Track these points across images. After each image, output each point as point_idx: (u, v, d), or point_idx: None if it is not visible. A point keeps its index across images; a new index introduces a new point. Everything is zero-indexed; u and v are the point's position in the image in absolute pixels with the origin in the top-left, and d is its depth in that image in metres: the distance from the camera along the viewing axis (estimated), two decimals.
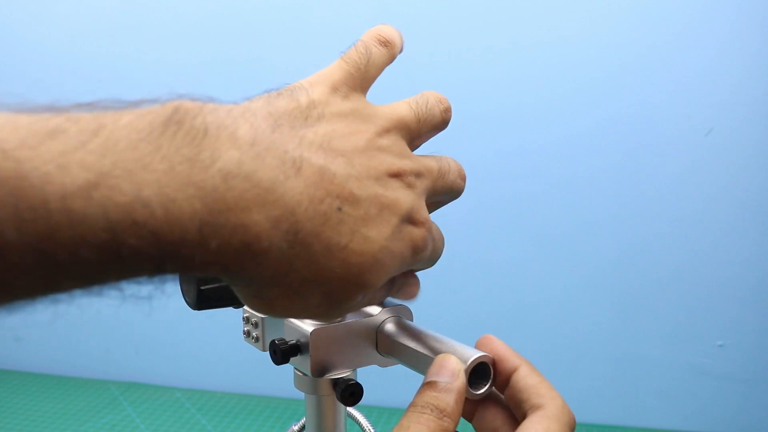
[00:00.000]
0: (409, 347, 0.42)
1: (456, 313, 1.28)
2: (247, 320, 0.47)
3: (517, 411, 0.39)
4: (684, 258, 1.21)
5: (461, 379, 0.38)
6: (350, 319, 0.44)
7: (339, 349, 0.43)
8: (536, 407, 0.38)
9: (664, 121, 1.18)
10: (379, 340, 0.44)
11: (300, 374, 0.44)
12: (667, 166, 1.20)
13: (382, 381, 0.85)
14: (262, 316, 0.46)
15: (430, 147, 0.45)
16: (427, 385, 0.38)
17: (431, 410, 0.37)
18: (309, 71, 0.39)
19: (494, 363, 0.40)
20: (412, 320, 0.45)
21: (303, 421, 0.49)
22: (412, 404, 0.38)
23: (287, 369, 0.46)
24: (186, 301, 0.45)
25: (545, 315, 1.27)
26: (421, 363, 0.41)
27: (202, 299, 0.44)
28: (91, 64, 1.37)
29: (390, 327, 0.44)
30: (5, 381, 1.47)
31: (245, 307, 0.47)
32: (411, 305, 0.46)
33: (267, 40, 1.29)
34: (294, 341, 0.43)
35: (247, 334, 0.49)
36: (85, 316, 0.50)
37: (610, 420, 1.29)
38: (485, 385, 0.40)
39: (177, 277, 0.31)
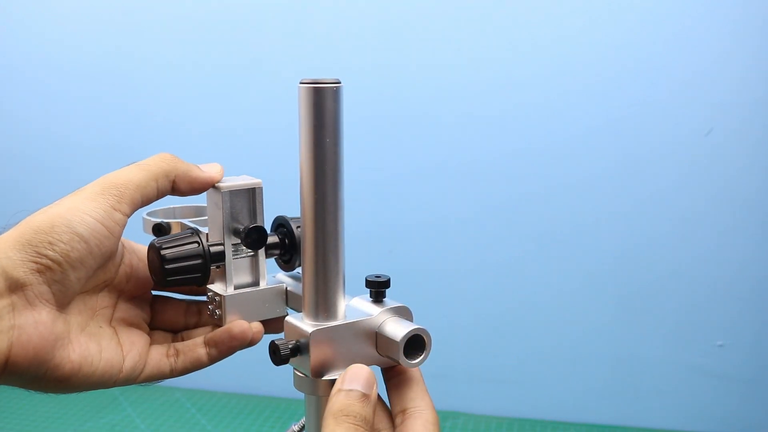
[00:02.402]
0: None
1: (456, 313, 1.28)
2: (211, 299, 0.49)
3: (396, 403, 0.45)
4: (684, 258, 1.21)
5: (376, 390, 0.42)
6: (350, 319, 0.44)
7: (339, 349, 0.43)
8: (419, 409, 0.44)
9: (664, 121, 1.18)
10: (379, 340, 0.44)
11: (300, 375, 0.44)
12: (667, 166, 1.20)
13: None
14: (225, 294, 0.48)
15: (427, 144, 0.45)
16: (345, 393, 0.41)
17: (354, 419, 0.40)
18: (309, 71, 0.39)
19: (428, 334, 0.43)
20: (412, 321, 0.45)
21: (303, 421, 0.49)
22: (331, 413, 0.40)
23: (287, 369, 0.46)
24: (154, 280, 0.48)
25: (545, 315, 1.27)
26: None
27: (167, 278, 0.47)
28: (90, 64, 1.37)
29: (390, 327, 0.44)
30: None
31: (209, 287, 0.50)
32: (411, 305, 0.46)
33: (267, 39, 1.29)
34: (294, 342, 0.43)
35: (211, 312, 0.50)
36: None
37: (610, 420, 1.29)
38: (420, 356, 0.43)
39: None
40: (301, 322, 0.44)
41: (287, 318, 0.45)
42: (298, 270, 0.50)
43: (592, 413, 1.29)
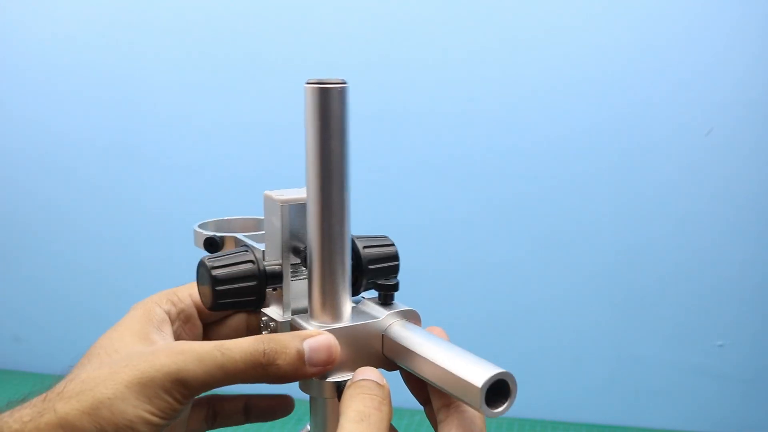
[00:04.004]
0: (416, 354, 0.42)
1: (455, 313, 1.27)
2: (265, 324, 0.47)
3: (441, 396, 0.43)
4: (684, 258, 1.22)
5: (387, 386, 0.41)
6: (356, 321, 0.44)
7: (343, 351, 0.43)
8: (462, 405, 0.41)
9: (664, 120, 1.18)
10: (385, 343, 0.44)
11: None
12: (667, 166, 1.20)
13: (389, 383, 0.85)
14: (281, 320, 0.45)
15: (426, 147, 0.45)
16: (356, 383, 0.40)
17: (369, 389, 0.39)
18: (308, 71, 0.39)
19: (513, 380, 0.37)
20: (420, 325, 0.45)
21: (308, 426, 0.48)
22: (346, 396, 0.39)
23: None
24: (203, 302, 0.45)
25: (545, 315, 1.27)
26: (428, 370, 0.41)
27: (218, 301, 0.44)
28: (92, 62, 1.37)
29: (397, 331, 0.44)
30: (5, 381, 1.47)
31: (263, 311, 0.47)
32: (410, 305, 0.46)
33: (267, 40, 1.28)
34: None
35: None
36: (86, 317, 0.50)
37: (610, 420, 1.29)
38: (503, 404, 0.38)
39: None
40: (307, 323, 0.44)
41: (294, 317, 0.45)
42: (363, 295, 0.47)
43: (592, 413, 1.29)
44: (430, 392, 0.44)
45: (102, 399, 0.38)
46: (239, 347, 0.40)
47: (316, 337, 0.41)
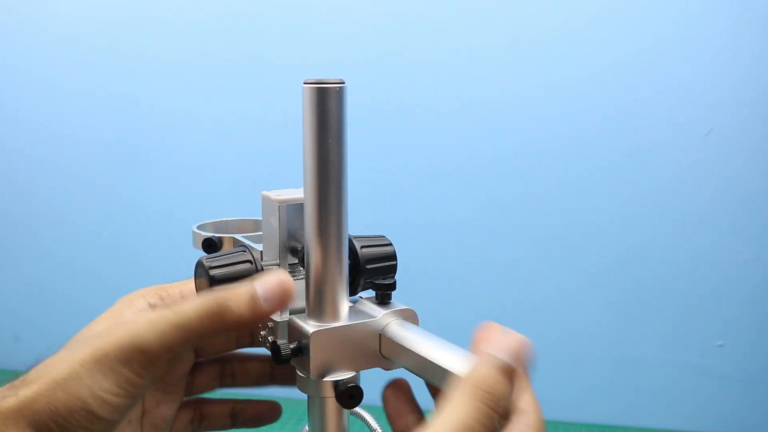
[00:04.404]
0: (413, 352, 0.42)
1: (455, 313, 1.27)
2: (263, 325, 0.47)
3: None
4: (684, 258, 1.21)
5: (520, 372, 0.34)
6: (353, 321, 0.44)
7: (340, 350, 0.43)
8: (520, 412, 0.35)
9: (664, 120, 1.18)
10: (382, 342, 0.44)
11: (302, 375, 0.44)
12: (666, 166, 1.20)
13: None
14: (278, 320, 0.45)
15: (426, 149, 0.45)
16: (490, 361, 0.33)
17: (491, 398, 0.32)
18: (308, 71, 0.39)
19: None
20: (417, 324, 0.45)
21: (306, 429, 0.48)
22: (469, 382, 0.32)
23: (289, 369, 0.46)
24: None
25: (544, 315, 1.27)
26: (426, 369, 0.41)
27: None
28: (89, 64, 1.37)
29: (394, 330, 0.44)
30: (5, 381, 1.47)
31: None
32: (410, 304, 0.46)
33: (265, 40, 1.28)
34: (295, 342, 0.43)
35: (263, 338, 0.48)
36: (86, 316, 0.50)
37: (609, 420, 1.29)
38: None
39: None
40: (304, 323, 0.44)
41: (291, 317, 0.45)
42: (360, 295, 0.48)
43: (592, 413, 1.29)
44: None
45: (58, 380, 0.36)
46: (191, 303, 0.38)
47: (265, 275, 0.40)
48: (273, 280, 0.39)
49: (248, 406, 0.52)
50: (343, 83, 0.41)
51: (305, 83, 0.41)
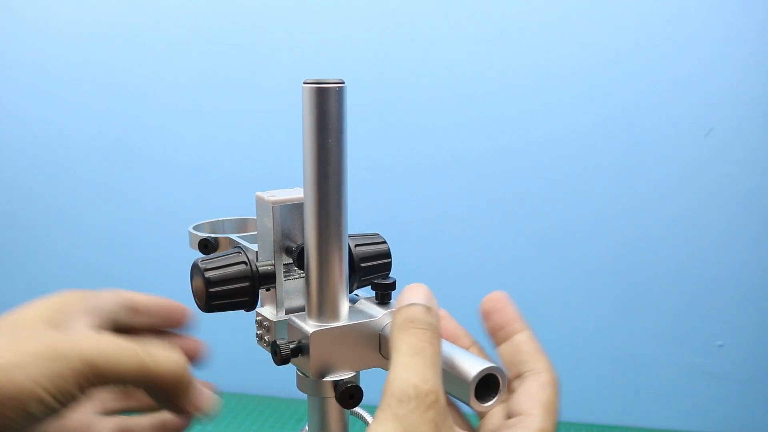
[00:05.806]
0: None
1: (454, 313, 1.27)
2: (260, 324, 0.47)
3: (511, 368, 0.45)
4: (683, 257, 1.22)
5: (436, 303, 0.40)
6: (353, 320, 0.44)
7: (340, 350, 0.43)
8: (535, 372, 0.43)
9: (664, 120, 1.18)
10: (382, 342, 0.44)
11: (302, 375, 0.44)
12: (666, 166, 1.20)
13: None
14: (275, 320, 0.46)
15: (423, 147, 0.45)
16: (405, 308, 0.39)
17: (420, 323, 0.38)
18: (307, 71, 0.39)
19: (503, 374, 0.39)
20: None
21: (306, 429, 0.49)
22: (396, 326, 0.39)
23: (290, 369, 0.46)
24: (197, 303, 0.45)
25: (544, 314, 1.27)
26: None
27: (211, 302, 0.44)
28: (88, 64, 1.37)
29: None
30: None
31: (257, 311, 0.47)
32: None
33: (265, 40, 1.29)
34: (295, 342, 0.43)
35: (260, 338, 0.48)
36: None
37: (609, 420, 1.29)
38: (493, 398, 0.39)
39: None
40: (304, 323, 0.44)
41: (291, 317, 0.45)
42: (356, 293, 0.48)
43: (592, 413, 1.29)
44: (502, 353, 0.46)
45: (1, 363, 0.35)
46: (164, 355, 0.39)
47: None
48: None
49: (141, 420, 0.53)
50: (343, 83, 0.41)
51: (305, 83, 0.41)
